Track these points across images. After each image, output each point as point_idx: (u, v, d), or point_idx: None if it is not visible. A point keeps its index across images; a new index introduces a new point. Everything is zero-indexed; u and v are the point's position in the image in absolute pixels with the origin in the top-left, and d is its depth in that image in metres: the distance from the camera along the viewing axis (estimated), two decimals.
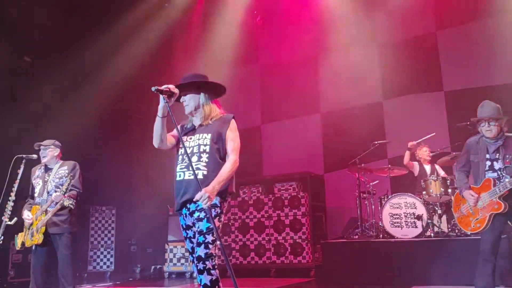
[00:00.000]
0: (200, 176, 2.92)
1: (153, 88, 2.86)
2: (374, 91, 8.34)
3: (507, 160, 3.72)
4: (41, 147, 4.67)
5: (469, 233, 4.00)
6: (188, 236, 3.04)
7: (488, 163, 3.81)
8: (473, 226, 3.85)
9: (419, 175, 6.77)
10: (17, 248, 4.63)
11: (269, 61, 9.41)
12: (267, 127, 9.30)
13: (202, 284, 2.80)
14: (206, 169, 2.95)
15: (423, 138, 6.60)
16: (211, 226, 2.83)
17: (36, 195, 4.60)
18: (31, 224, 4.47)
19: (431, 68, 7.93)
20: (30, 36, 7.11)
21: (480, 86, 7.42)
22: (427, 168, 6.77)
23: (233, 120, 3.09)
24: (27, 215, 4.51)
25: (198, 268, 2.81)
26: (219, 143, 3.02)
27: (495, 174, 3.77)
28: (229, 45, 9.31)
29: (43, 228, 4.40)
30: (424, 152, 6.81)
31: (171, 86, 2.93)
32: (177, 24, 10.01)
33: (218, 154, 3.01)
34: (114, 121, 8.68)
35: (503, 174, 3.73)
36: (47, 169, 4.69)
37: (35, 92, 7.20)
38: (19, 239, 4.59)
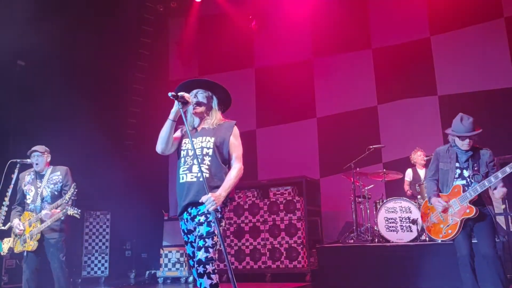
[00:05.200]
0: (201, 179, 2.92)
1: (169, 94, 2.92)
2: (369, 96, 8.37)
3: (476, 168, 3.85)
4: (36, 153, 4.59)
5: (439, 241, 4.09)
6: (189, 240, 3.04)
7: (458, 171, 3.95)
8: (444, 233, 3.96)
9: (414, 179, 6.81)
10: (3, 254, 4.57)
11: (264, 65, 9.42)
12: (262, 131, 9.29)
13: None
14: (208, 171, 2.97)
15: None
16: (211, 230, 2.84)
17: (28, 201, 4.54)
18: (23, 231, 4.42)
19: (425, 73, 7.98)
20: (23, 39, 7.08)
21: (474, 91, 7.48)
22: (422, 172, 6.80)
23: (235, 127, 3.13)
24: (17, 223, 4.45)
25: (198, 271, 2.82)
26: (222, 147, 3.04)
27: (464, 182, 3.90)
28: (225, 49, 9.33)
29: (39, 235, 4.37)
30: (418, 157, 6.85)
31: (187, 95, 2.99)
32: (172, 29, 10.03)
33: (221, 157, 3.04)
34: (109, 126, 8.64)
35: (472, 181, 3.86)
36: (38, 175, 4.62)
37: (28, 97, 7.16)
38: (5, 244, 4.53)
